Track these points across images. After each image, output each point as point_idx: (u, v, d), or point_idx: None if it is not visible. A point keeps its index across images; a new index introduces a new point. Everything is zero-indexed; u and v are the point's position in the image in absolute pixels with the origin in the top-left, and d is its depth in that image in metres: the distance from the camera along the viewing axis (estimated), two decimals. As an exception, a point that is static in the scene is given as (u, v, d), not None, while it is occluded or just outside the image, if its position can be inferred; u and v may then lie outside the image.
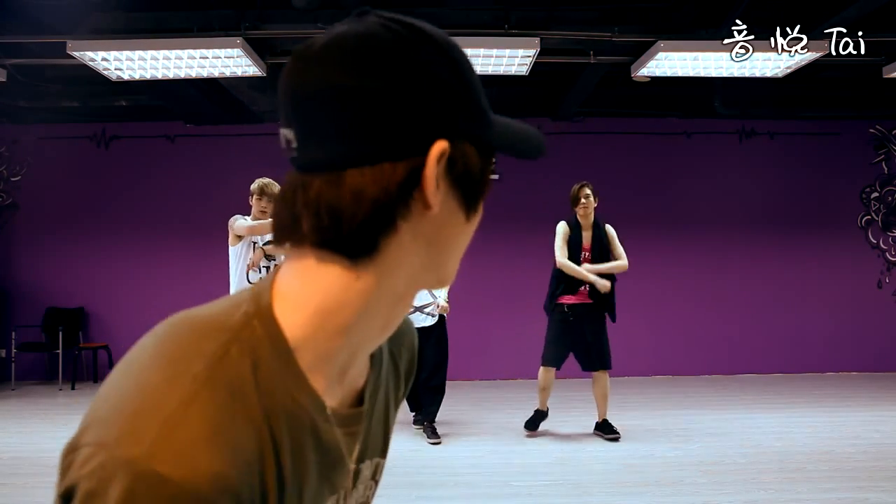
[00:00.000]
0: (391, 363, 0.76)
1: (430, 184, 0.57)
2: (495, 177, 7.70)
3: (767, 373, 7.70)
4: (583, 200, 5.04)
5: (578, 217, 5.11)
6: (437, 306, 5.14)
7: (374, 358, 0.69)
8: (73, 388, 7.22)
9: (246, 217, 4.58)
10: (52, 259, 7.79)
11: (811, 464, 4.32)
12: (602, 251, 5.13)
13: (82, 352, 7.58)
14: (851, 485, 3.89)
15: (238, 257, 4.55)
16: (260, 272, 4.46)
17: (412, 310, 5.71)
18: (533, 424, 5.23)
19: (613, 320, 5.26)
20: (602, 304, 5.13)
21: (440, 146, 0.57)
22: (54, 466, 0.56)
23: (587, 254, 5.12)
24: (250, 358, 0.55)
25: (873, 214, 7.99)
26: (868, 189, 7.99)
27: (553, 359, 5.16)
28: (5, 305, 7.75)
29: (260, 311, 0.58)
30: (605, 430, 5.07)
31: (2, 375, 7.61)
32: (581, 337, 5.11)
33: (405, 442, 5.03)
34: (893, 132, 8.03)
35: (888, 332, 7.85)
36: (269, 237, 4.43)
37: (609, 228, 5.24)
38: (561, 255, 5.03)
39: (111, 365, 7.52)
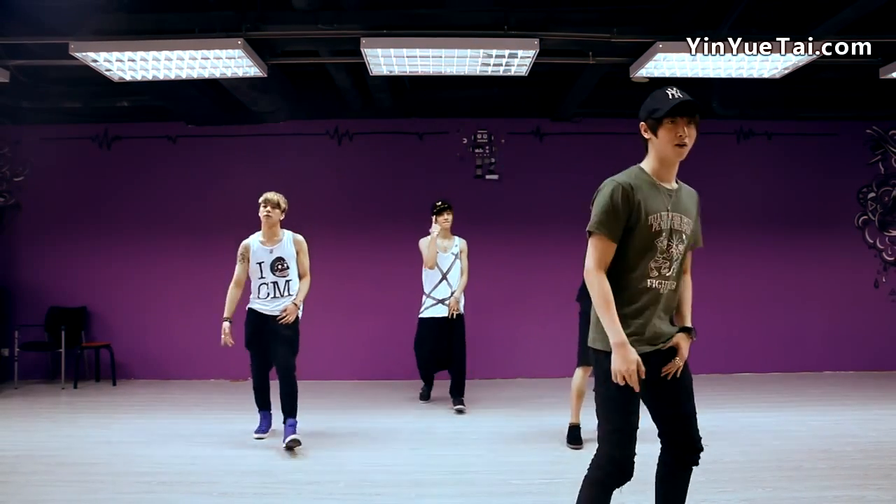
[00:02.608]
0: (691, 197, 2.86)
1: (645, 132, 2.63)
2: (494, 177, 7.83)
3: (765, 372, 7.73)
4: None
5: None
6: (455, 300, 6.01)
7: (681, 188, 2.76)
8: (75, 388, 7.25)
9: None
10: (54, 259, 7.82)
11: (809, 462, 4.34)
12: None
13: (84, 351, 7.61)
14: (849, 483, 3.91)
15: (252, 276, 5.18)
16: (269, 287, 5.05)
17: (435, 302, 6.05)
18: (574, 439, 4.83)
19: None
20: None
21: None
22: (57, 464, 0.58)
23: None
24: (634, 169, 2.61)
25: (870, 214, 8.01)
26: (865, 189, 8.02)
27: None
28: (8, 305, 7.77)
29: (636, 166, 2.63)
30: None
31: (4, 374, 7.64)
32: None
33: (405, 442, 5.06)
34: (890, 133, 8.05)
35: (885, 331, 7.87)
36: (274, 259, 5.06)
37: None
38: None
39: (113, 364, 7.57)
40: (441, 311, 6.04)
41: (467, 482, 4.06)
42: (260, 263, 5.06)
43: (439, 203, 6.08)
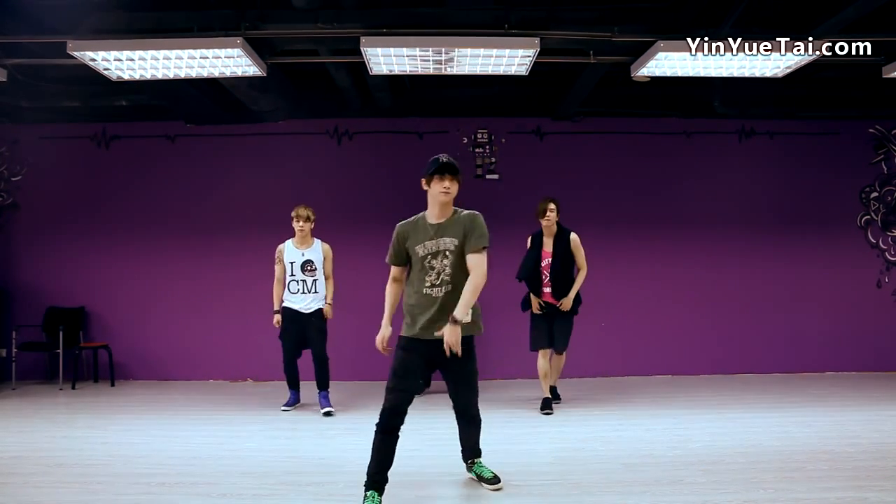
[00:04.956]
0: (464, 218, 3.74)
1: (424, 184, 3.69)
2: (495, 177, 7.80)
3: (767, 372, 7.71)
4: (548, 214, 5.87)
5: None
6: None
7: (451, 219, 3.71)
8: (73, 388, 7.23)
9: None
10: (52, 259, 7.80)
11: (811, 463, 4.32)
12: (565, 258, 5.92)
13: (83, 351, 7.59)
14: (851, 484, 3.89)
15: (285, 273, 6.13)
16: (299, 284, 6.03)
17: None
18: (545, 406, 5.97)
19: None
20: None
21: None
22: (55, 465, 0.56)
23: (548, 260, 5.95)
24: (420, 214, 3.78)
25: (873, 214, 7.99)
26: (867, 189, 8.00)
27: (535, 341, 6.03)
28: (6, 305, 7.75)
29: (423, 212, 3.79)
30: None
31: (2, 375, 7.62)
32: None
33: (405, 442, 5.03)
34: (893, 132, 8.03)
35: (887, 331, 7.85)
36: (304, 260, 6.05)
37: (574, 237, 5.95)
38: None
39: (112, 365, 7.54)
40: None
41: (467, 482, 4.04)
42: (291, 263, 6.02)
43: None
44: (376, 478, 3.59)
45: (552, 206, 5.86)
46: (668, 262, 7.82)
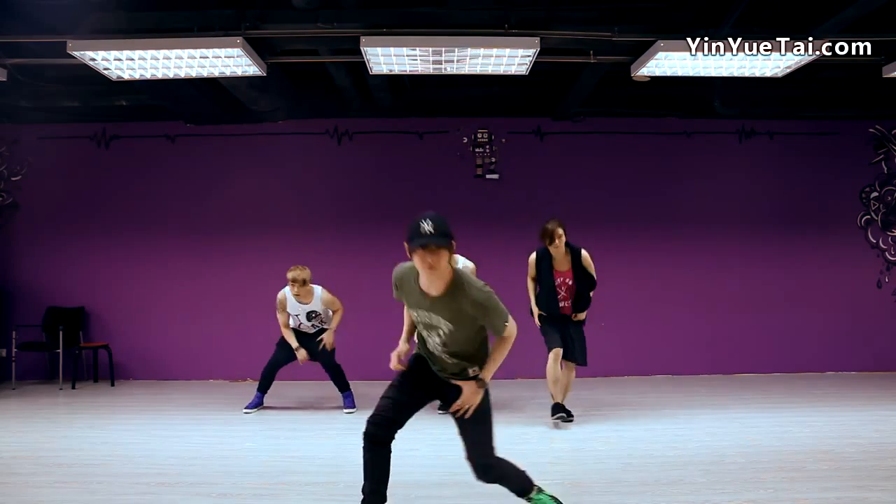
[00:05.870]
0: (466, 299, 2.92)
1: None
2: (495, 176, 7.80)
3: (767, 372, 7.71)
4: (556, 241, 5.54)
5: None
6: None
7: (447, 294, 2.95)
8: (73, 388, 7.22)
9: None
10: (52, 259, 7.80)
11: (811, 463, 4.32)
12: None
13: (83, 351, 7.58)
14: (851, 484, 3.89)
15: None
16: (304, 327, 6.10)
17: None
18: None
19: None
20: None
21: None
22: (54, 465, 0.56)
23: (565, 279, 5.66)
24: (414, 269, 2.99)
25: (873, 214, 7.99)
26: (868, 189, 8.00)
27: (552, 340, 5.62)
28: (6, 305, 7.75)
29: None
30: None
31: (2, 375, 7.62)
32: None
33: (404, 442, 5.02)
34: (893, 132, 8.03)
35: (888, 331, 7.85)
36: (307, 312, 6.03)
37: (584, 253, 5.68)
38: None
39: (111, 364, 7.54)
40: None
41: (467, 482, 4.03)
42: (297, 315, 6.05)
43: None
44: (371, 499, 3.19)
45: (560, 231, 5.51)
46: (667, 261, 7.82)
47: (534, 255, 5.79)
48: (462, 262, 5.70)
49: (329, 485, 4.00)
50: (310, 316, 6.03)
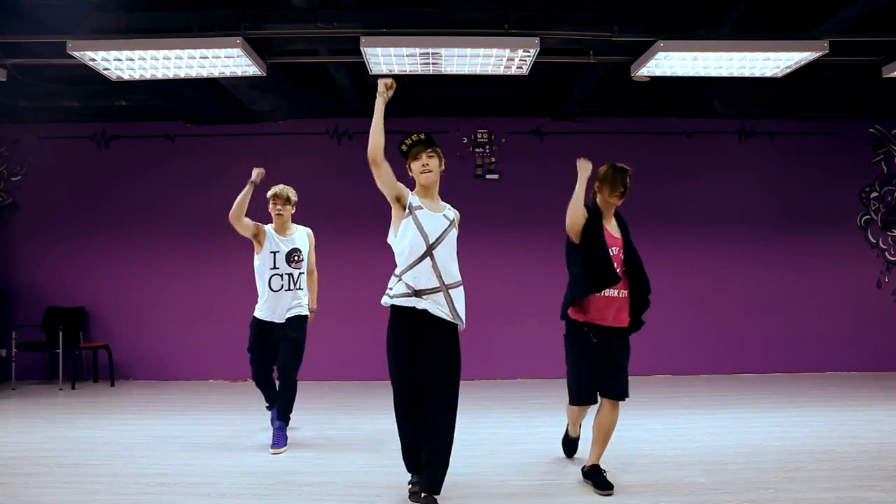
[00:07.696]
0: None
1: None
2: (495, 176, 7.80)
3: (767, 372, 7.71)
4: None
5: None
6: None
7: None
8: (73, 388, 7.22)
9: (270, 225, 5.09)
10: (52, 259, 7.80)
11: (811, 463, 4.32)
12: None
13: (82, 351, 7.58)
14: (851, 484, 3.89)
15: (263, 265, 4.99)
16: (283, 279, 4.93)
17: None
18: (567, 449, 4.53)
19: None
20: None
21: None
22: (54, 465, 0.56)
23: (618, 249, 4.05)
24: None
25: (873, 214, 7.99)
26: (867, 189, 8.00)
27: (580, 395, 3.92)
28: (6, 305, 7.75)
29: None
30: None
31: (2, 375, 7.62)
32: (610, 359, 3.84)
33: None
34: (893, 132, 8.03)
35: (888, 331, 7.85)
36: (290, 249, 4.98)
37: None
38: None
39: (111, 364, 7.54)
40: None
41: (467, 483, 4.04)
42: (275, 253, 4.94)
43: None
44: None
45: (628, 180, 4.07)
46: (667, 261, 7.82)
47: (579, 211, 4.01)
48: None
49: (329, 485, 4.00)
50: (291, 258, 4.94)
